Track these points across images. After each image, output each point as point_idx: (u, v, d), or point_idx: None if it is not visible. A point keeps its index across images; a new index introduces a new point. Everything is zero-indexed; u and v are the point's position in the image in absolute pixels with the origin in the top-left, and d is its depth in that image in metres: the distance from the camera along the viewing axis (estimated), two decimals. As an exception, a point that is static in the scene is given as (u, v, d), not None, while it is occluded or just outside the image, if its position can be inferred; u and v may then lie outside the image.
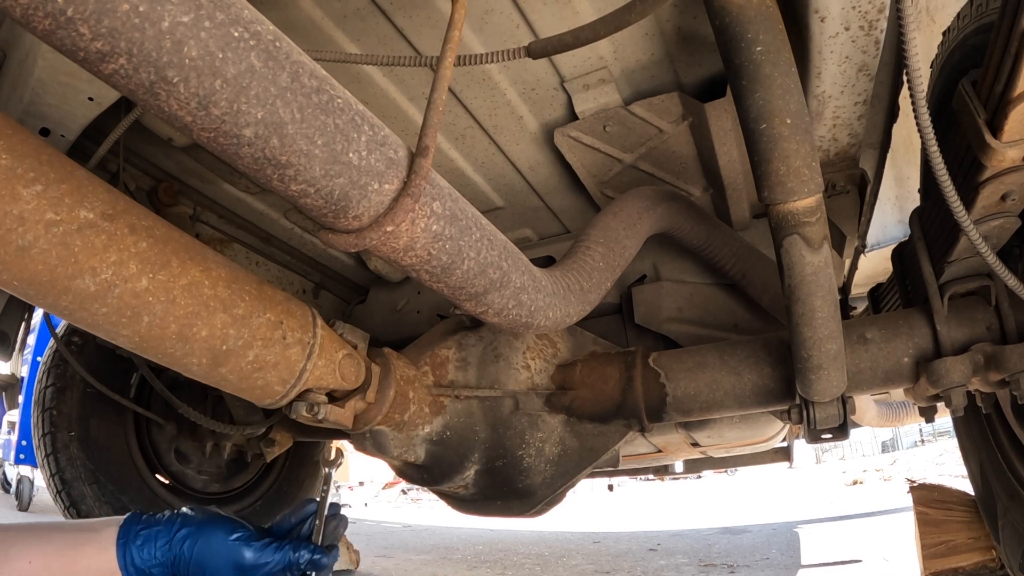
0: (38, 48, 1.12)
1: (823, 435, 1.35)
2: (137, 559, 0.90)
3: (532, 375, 1.43)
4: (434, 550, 4.55)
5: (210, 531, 0.93)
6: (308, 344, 1.03)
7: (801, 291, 1.05)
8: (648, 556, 4.03)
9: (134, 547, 0.90)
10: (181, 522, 0.93)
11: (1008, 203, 1.02)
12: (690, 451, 2.37)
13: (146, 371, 1.79)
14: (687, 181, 1.66)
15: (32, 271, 0.74)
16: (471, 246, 0.86)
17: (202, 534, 0.92)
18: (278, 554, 0.94)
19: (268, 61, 0.59)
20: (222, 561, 0.91)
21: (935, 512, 2.25)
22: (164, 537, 0.91)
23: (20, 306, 1.61)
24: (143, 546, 0.90)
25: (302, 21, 1.25)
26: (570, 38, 0.99)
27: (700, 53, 1.35)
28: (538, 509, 1.43)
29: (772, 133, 0.91)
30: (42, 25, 0.48)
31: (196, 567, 0.91)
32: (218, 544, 0.91)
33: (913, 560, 2.36)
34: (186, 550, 0.91)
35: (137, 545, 0.90)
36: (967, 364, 1.20)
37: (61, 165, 0.76)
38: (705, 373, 1.36)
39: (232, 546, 0.92)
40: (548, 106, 1.50)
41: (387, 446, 1.29)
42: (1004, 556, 1.74)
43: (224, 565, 0.91)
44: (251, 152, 0.62)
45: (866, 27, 1.11)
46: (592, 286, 1.17)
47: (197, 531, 0.92)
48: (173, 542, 0.91)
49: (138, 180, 1.69)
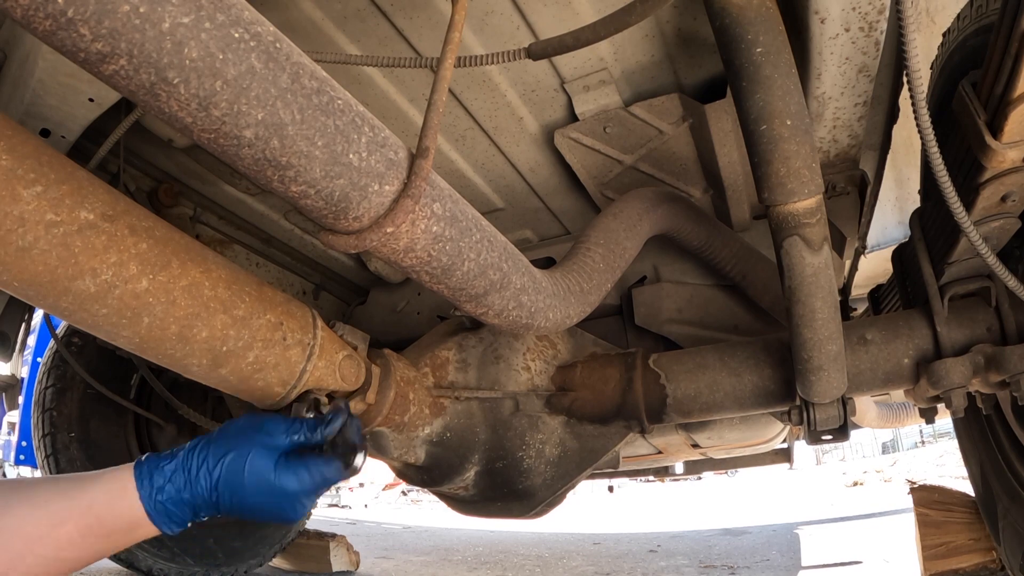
0: (39, 49, 1.12)
1: (823, 436, 1.35)
2: (160, 490, 0.82)
3: (532, 376, 1.43)
4: (434, 551, 4.55)
5: (238, 452, 0.86)
6: (308, 345, 1.03)
7: (801, 292, 1.05)
8: (648, 557, 4.03)
9: (154, 477, 0.82)
10: (203, 446, 0.86)
11: (1008, 204, 1.02)
12: (690, 452, 2.38)
13: (146, 372, 1.79)
14: (687, 182, 1.66)
15: (32, 272, 0.74)
16: (471, 247, 0.86)
17: (234, 461, 0.85)
18: (299, 434, 0.91)
19: (268, 62, 0.59)
20: (249, 485, 0.85)
21: (936, 513, 2.25)
22: (190, 466, 0.84)
23: (20, 307, 1.61)
24: (169, 476, 0.83)
25: (302, 22, 1.25)
26: (570, 39, 0.99)
27: (700, 54, 1.35)
28: (538, 510, 1.43)
29: (772, 134, 0.91)
30: (43, 26, 0.48)
31: (226, 488, 0.84)
32: (247, 450, 0.86)
33: (913, 561, 2.36)
34: (214, 475, 0.84)
35: (159, 474, 0.82)
36: (967, 365, 1.20)
37: (61, 166, 0.76)
38: (705, 374, 1.36)
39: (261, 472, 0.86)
40: (548, 107, 1.50)
41: (387, 447, 1.29)
42: (1005, 557, 1.74)
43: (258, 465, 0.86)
44: (251, 153, 0.62)
45: (866, 28, 1.11)
46: (592, 287, 1.17)
47: (222, 451, 0.86)
48: (204, 471, 0.84)
49: (138, 181, 1.69)
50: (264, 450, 0.88)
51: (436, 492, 1.55)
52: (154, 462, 0.84)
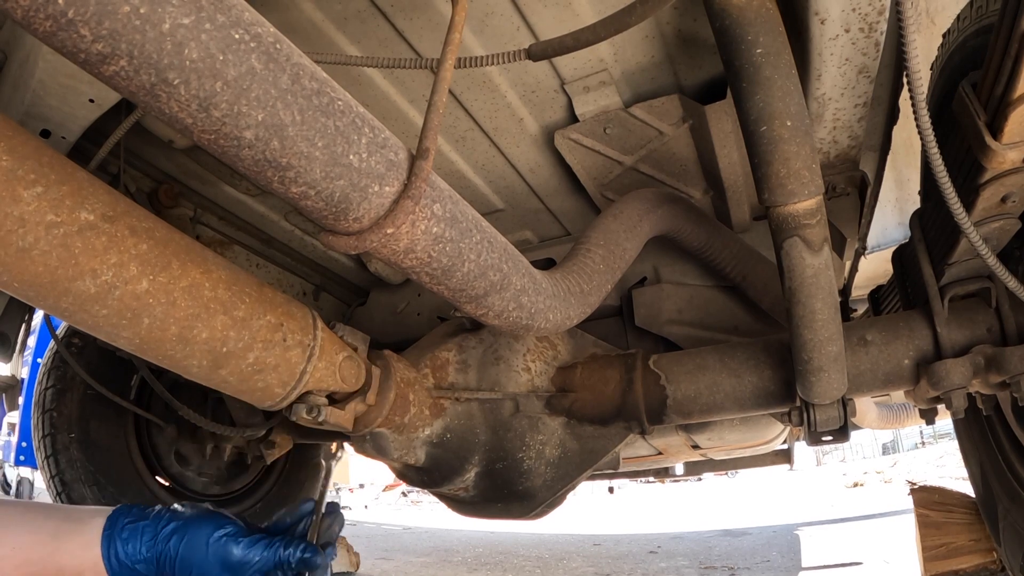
0: (39, 50, 1.13)
1: (823, 437, 1.35)
2: (121, 553, 0.86)
3: (532, 377, 1.43)
4: (434, 552, 4.55)
5: (197, 527, 0.88)
6: (308, 346, 1.03)
7: (801, 293, 1.05)
8: (648, 559, 4.03)
9: (119, 540, 0.86)
10: (169, 517, 0.89)
11: (1008, 205, 1.02)
12: (690, 453, 2.37)
13: (146, 373, 1.79)
14: (687, 183, 1.66)
15: (33, 273, 0.74)
16: (471, 248, 0.86)
17: (188, 530, 0.88)
18: (268, 551, 0.90)
19: (269, 63, 0.59)
20: (209, 558, 0.87)
21: (936, 514, 2.25)
22: (150, 532, 0.87)
23: (20, 308, 1.61)
24: (128, 540, 0.86)
25: (303, 23, 1.25)
26: (570, 40, 0.99)
27: (700, 55, 1.35)
28: (538, 511, 1.43)
29: (772, 135, 0.91)
30: (43, 27, 0.48)
31: (182, 565, 0.86)
32: (204, 541, 0.87)
33: (914, 562, 2.36)
34: (172, 547, 0.87)
35: (123, 538, 0.86)
36: (967, 366, 1.20)
37: (62, 167, 0.76)
38: (705, 375, 1.36)
39: (219, 543, 0.88)
40: (548, 108, 1.50)
41: (387, 448, 1.29)
42: (1005, 558, 1.74)
43: (211, 563, 0.87)
44: (252, 154, 0.62)
45: (866, 29, 1.11)
46: (592, 288, 1.17)
47: (184, 527, 0.88)
48: (159, 538, 0.87)
49: (139, 182, 1.69)
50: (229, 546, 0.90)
51: (436, 493, 1.55)
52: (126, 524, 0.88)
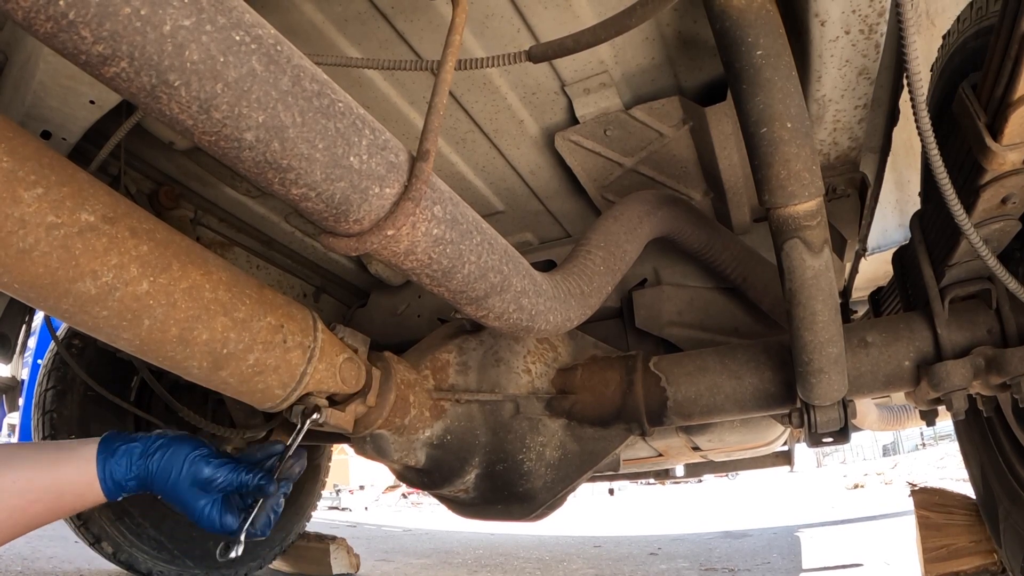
0: (40, 51, 1.13)
1: (824, 439, 1.35)
2: (116, 472, 0.95)
3: (533, 379, 1.43)
4: (434, 554, 4.55)
5: (178, 447, 0.99)
6: (309, 348, 1.03)
7: (802, 295, 1.05)
8: (649, 560, 4.02)
9: (112, 461, 0.96)
10: (154, 438, 1.00)
11: (1008, 206, 1.02)
12: (691, 455, 2.37)
13: (147, 374, 1.79)
14: (688, 185, 1.66)
15: (33, 274, 0.74)
16: (472, 250, 0.86)
17: (170, 448, 0.99)
18: (232, 473, 1.01)
19: (269, 65, 0.59)
20: (183, 474, 0.98)
21: (936, 516, 2.25)
22: (139, 451, 0.98)
23: (21, 309, 1.61)
24: (121, 459, 0.96)
25: (303, 25, 1.25)
26: (571, 42, 0.99)
27: (700, 57, 1.35)
28: (539, 513, 1.42)
29: (773, 137, 0.91)
30: (44, 28, 0.48)
31: (160, 476, 0.97)
32: (181, 458, 0.98)
33: (914, 564, 2.36)
34: (154, 462, 0.98)
35: (116, 459, 0.96)
36: (968, 367, 1.20)
37: (62, 168, 0.76)
38: (706, 377, 1.36)
39: (192, 460, 0.99)
40: (549, 110, 1.51)
41: (387, 450, 1.29)
42: (1006, 559, 1.73)
43: (184, 477, 0.98)
44: (252, 156, 0.62)
45: (866, 31, 1.11)
46: (593, 290, 1.17)
47: (166, 445, 0.99)
48: (147, 456, 0.98)
49: (139, 183, 1.69)
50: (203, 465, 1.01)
51: (436, 495, 1.54)
52: (119, 446, 0.98)
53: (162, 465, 0.98)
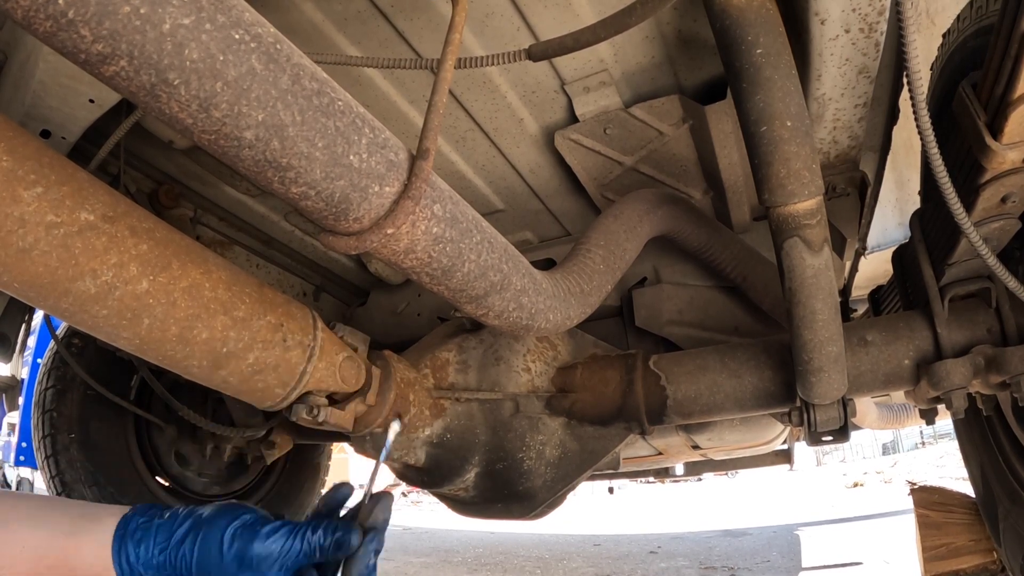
0: (39, 50, 1.13)
1: (824, 437, 1.35)
2: (132, 556, 0.77)
3: (533, 378, 1.43)
4: (434, 553, 4.55)
5: (211, 523, 0.78)
6: (308, 346, 1.03)
7: (801, 294, 1.05)
8: (648, 559, 4.03)
9: (131, 542, 0.78)
10: (185, 516, 0.80)
11: (1008, 205, 1.02)
12: (691, 454, 2.37)
13: (146, 373, 1.79)
14: (687, 184, 1.66)
15: (33, 273, 0.74)
16: (472, 249, 0.86)
17: (202, 529, 0.78)
18: (291, 539, 0.77)
19: (269, 64, 0.59)
20: (226, 558, 0.75)
21: (936, 514, 2.25)
22: (164, 534, 0.78)
23: (21, 308, 1.61)
24: (140, 542, 0.78)
25: (303, 24, 1.25)
26: (570, 41, 0.99)
27: (700, 56, 1.35)
28: (538, 512, 1.42)
29: (772, 136, 0.91)
30: (43, 27, 0.48)
31: (200, 570, 0.76)
32: (219, 537, 0.76)
33: (914, 562, 2.36)
34: (186, 549, 0.77)
35: (135, 540, 0.78)
36: (968, 366, 1.20)
37: (62, 167, 0.76)
38: (706, 376, 1.36)
39: (234, 535, 0.76)
40: (548, 109, 1.50)
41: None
42: (1005, 558, 1.73)
43: (229, 562, 0.75)
44: (252, 155, 0.62)
45: (866, 29, 1.11)
46: (592, 289, 1.17)
47: (197, 526, 0.78)
48: (172, 541, 0.78)
49: (139, 182, 1.69)
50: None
51: (436, 493, 1.54)
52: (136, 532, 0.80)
53: (197, 554, 0.76)
